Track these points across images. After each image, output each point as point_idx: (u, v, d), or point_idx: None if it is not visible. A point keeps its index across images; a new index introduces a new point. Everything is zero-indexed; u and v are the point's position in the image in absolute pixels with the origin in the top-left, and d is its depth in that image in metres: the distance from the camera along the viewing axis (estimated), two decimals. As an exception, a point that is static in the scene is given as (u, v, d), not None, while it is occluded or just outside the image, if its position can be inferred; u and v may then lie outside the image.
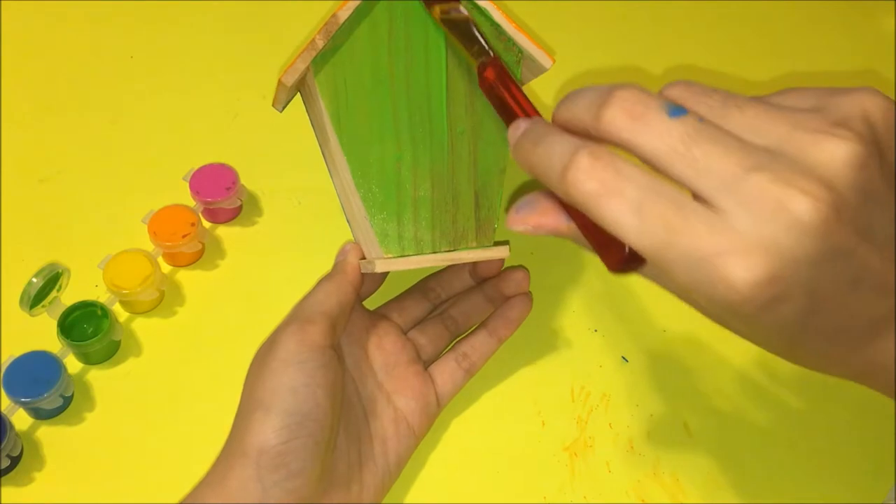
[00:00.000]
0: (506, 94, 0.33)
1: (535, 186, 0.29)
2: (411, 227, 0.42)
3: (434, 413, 0.44)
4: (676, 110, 0.26)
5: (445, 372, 0.44)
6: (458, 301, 0.47)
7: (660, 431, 0.47)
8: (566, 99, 0.29)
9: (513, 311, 0.46)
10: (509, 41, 0.40)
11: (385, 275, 0.46)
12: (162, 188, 0.53)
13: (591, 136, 0.27)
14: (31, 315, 0.46)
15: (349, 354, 0.42)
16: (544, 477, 0.45)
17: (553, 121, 0.29)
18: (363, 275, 0.41)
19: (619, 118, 0.26)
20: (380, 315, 0.45)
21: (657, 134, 0.25)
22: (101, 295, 0.48)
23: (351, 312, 0.41)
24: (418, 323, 0.46)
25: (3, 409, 0.43)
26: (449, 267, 0.48)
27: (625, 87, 0.26)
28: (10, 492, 0.43)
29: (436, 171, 0.42)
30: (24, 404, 0.44)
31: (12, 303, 0.47)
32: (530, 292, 0.46)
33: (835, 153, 0.24)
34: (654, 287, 0.53)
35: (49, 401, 0.44)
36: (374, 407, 0.42)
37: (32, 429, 0.45)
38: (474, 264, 0.46)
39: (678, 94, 0.27)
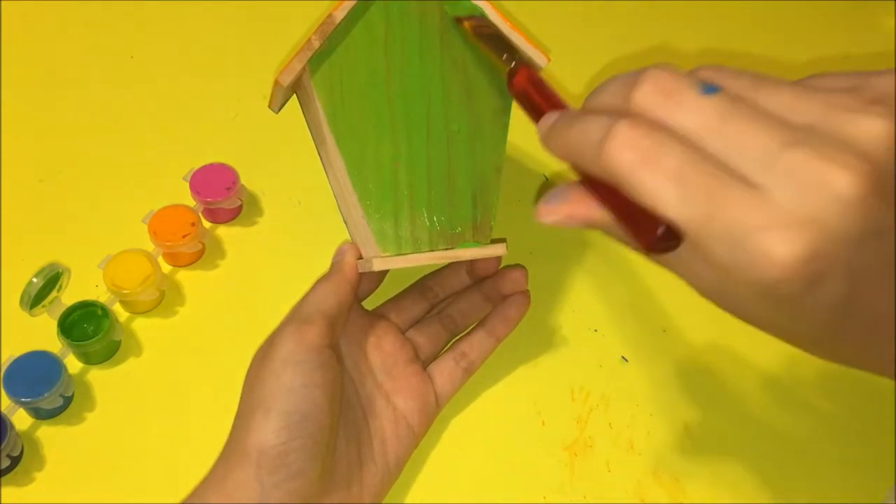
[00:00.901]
0: (537, 95, 0.33)
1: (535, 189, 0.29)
2: (408, 225, 0.42)
3: (433, 413, 0.44)
4: (709, 88, 0.25)
5: (444, 371, 0.44)
6: (456, 300, 0.47)
7: (660, 431, 0.47)
8: (596, 88, 0.28)
9: (511, 309, 0.46)
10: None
11: (383, 274, 0.46)
12: (162, 188, 0.53)
13: None
14: (32, 315, 0.46)
15: (348, 355, 0.42)
16: (544, 477, 0.45)
17: (582, 109, 0.29)
18: (361, 274, 0.41)
19: (651, 96, 0.25)
20: (378, 315, 0.45)
21: (691, 111, 0.25)
22: (101, 295, 0.48)
23: (349, 312, 0.41)
24: (416, 322, 0.46)
25: (3, 409, 0.43)
26: (447, 266, 0.48)
27: (656, 66, 0.26)
28: (10, 492, 0.43)
29: (432, 170, 0.42)
30: (24, 404, 0.44)
31: (12, 303, 0.47)
32: (528, 291, 0.46)
33: (872, 129, 0.24)
34: (654, 287, 0.53)
35: (49, 401, 0.44)
36: (373, 407, 0.42)
37: (32, 429, 0.45)
38: (472, 263, 0.46)
39: (708, 76, 0.27)
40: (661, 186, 0.24)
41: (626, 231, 0.27)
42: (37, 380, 0.44)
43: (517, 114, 0.42)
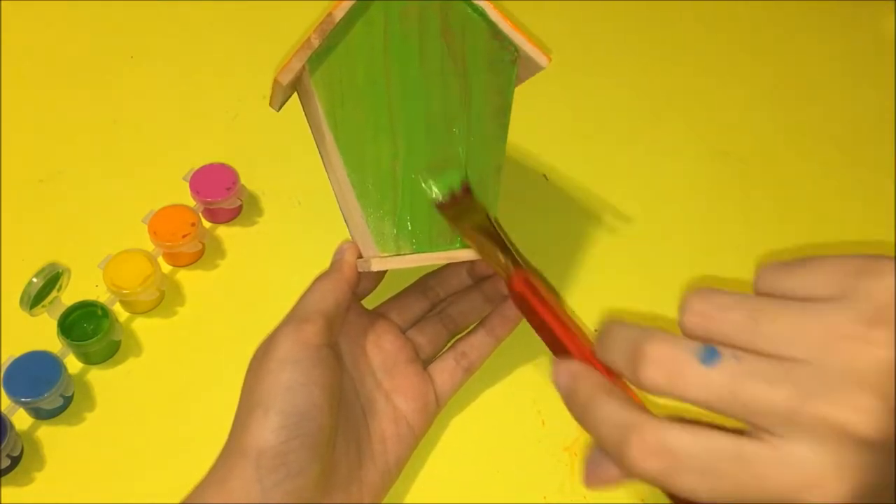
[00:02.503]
0: (538, 307, 0.34)
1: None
2: (407, 225, 0.42)
3: (433, 412, 0.44)
4: (709, 355, 0.26)
5: (444, 371, 0.44)
6: (456, 300, 0.47)
7: (660, 431, 0.47)
8: (602, 339, 0.30)
9: (511, 309, 0.46)
10: (505, 40, 0.40)
11: (383, 273, 0.46)
12: (162, 188, 0.53)
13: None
14: (32, 315, 0.46)
15: (347, 354, 0.42)
16: (544, 477, 0.45)
17: (596, 357, 0.31)
18: (360, 273, 0.41)
19: (658, 378, 0.27)
20: (378, 314, 0.45)
21: (699, 388, 0.26)
22: (101, 295, 0.48)
23: (348, 311, 0.41)
24: (417, 322, 0.46)
25: (3, 409, 0.43)
26: (447, 265, 0.48)
27: (653, 342, 0.27)
28: (10, 492, 0.43)
29: (431, 171, 0.42)
30: (24, 404, 0.44)
31: (12, 303, 0.47)
32: (530, 292, 0.46)
33: (877, 362, 0.24)
34: (653, 287, 0.53)
35: (49, 401, 0.44)
36: (373, 406, 0.42)
37: (32, 429, 0.45)
38: (472, 263, 0.46)
39: (702, 315, 0.27)
40: (691, 487, 0.26)
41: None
42: (37, 380, 0.44)
43: (517, 113, 0.42)
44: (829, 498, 0.24)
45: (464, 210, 0.41)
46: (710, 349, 0.26)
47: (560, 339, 0.34)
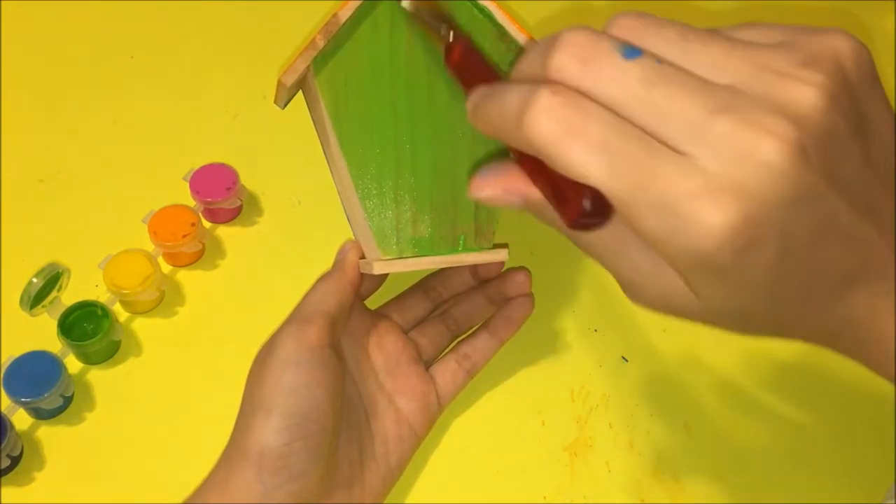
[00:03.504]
0: (471, 69, 0.31)
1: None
2: (410, 228, 0.41)
3: (435, 413, 0.44)
4: (631, 51, 0.24)
5: (447, 372, 0.44)
6: (459, 301, 0.47)
7: (660, 431, 0.47)
8: (518, 57, 0.27)
9: (514, 312, 0.45)
10: (512, 42, 0.40)
11: (385, 275, 0.46)
12: (162, 188, 0.53)
13: None
14: (32, 315, 0.46)
15: (350, 354, 0.42)
16: (544, 477, 0.45)
17: (513, 72, 0.28)
18: (363, 274, 0.41)
19: (569, 64, 0.24)
20: (380, 315, 0.45)
21: (613, 78, 0.23)
22: (101, 295, 0.48)
23: (350, 311, 0.41)
24: (419, 323, 0.46)
25: (3, 409, 0.43)
26: (450, 266, 0.48)
27: (572, 29, 0.24)
28: (10, 492, 0.43)
29: (436, 172, 0.42)
30: (24, 404, 0.44)
31: (12, 303, 0.47)
32: (532, 293, 0.46)
33: (802, 96, 0.23)
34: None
35: (49, 401, 0.44)
36: (375, 407, 0.42)
37: (32, 429, 0.45)
38: (475, 266, 0.46)
39: (630, 27, 0.25)
40: (587, 157, 0.23)
41: (553, 206, 0.25)
42: (37, 380, 0.44)
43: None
44: (718, 212, 0.22)
45: None
46: (633, 47, 0.24)
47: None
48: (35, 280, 0.45)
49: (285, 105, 0.42)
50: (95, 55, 0.61)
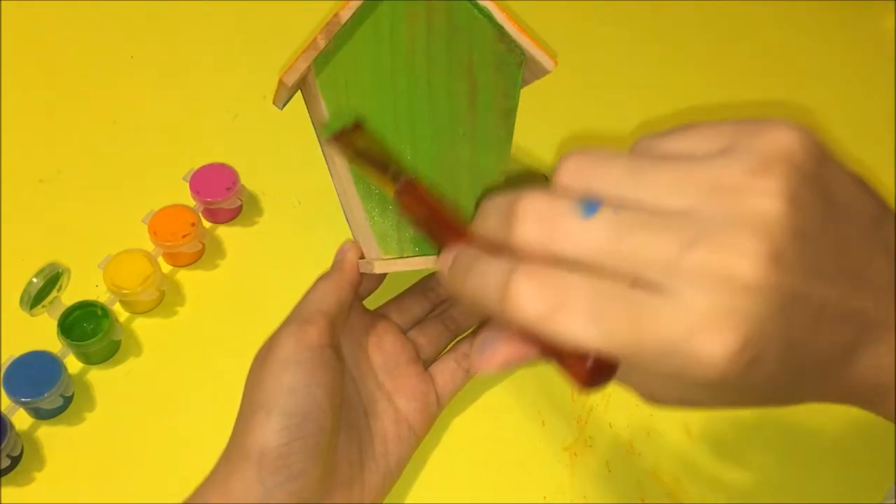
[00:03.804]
0: (432, 221, 0.32)
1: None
2: (411, 227, 0.42)
3: (434, 413, 0.44)
4: (588, 207, 0.24)
5: (446, 372, 0.44)
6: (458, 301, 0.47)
7: (660, 431, 0.47)
8: (479, 213, 0.27)
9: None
10: (511, 43, 0.40)
11: (384, 275, 0.46)
12: (162, 188, 0.53)
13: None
14: (32, 315, 0.46)
15: (349, 354, 0.42)
16: (544, 477, 0.45)
17: (472, 242, 0.28)
18: (362, 274, 0.41)
19: (533, 233, 0.25)
20: (379, 315, 0.45)
21: (578, 239, 0.24)
22: (101, 295, 0.48)
23: (350, 311, 0.41)
24: (418, 322, 0.46)
25: (3, 409, 0.43)
26: (449, 267, 0.48)
27: (527, 198, 0.25)
28: (10, 492, 0.43)
29: (436, 172, 0.42)
30: (24, 404, 0.44)
31: (12, 303, 0.47)
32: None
33: (763, 208, 0.23)
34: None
35: (49, 401, 0.44)
36: (374, 407, 0.42)
37: (32, 429, 0.45)
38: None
39: (578, 171, 0.26)
40: (578, 329, 0.24)
41: (560, 370, 0.26)
42: (37, 380, 0.44)
43: (521, 117, 0.42)
44: (720, 345, 0.23)
45: (351, 140, 0.39)
46: (589, 201, 0.24)
47: (446, 233, 0.32)
48: (35, 280, 0.45)
49: (284, 105, 0.42)
50: (95, 55, 0.61)
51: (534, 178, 0.40)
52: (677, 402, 0.28)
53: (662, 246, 0.23)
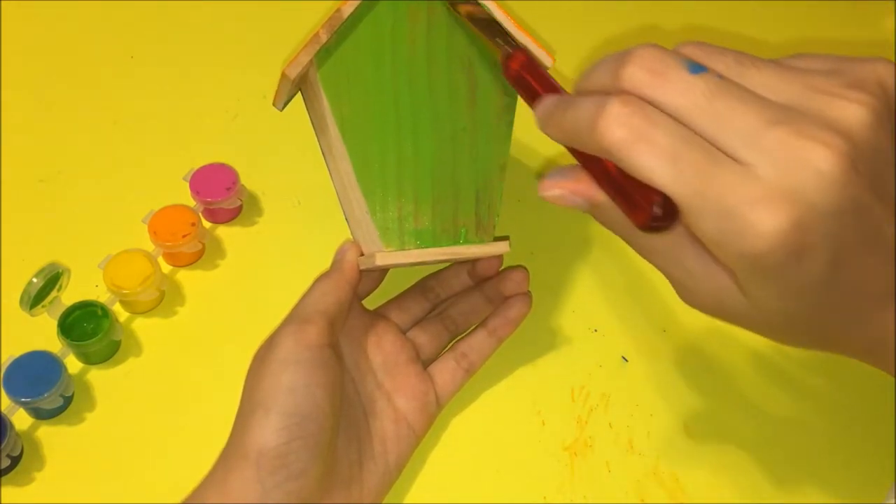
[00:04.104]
0: (532, 80, 0.33)
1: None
2: (412, 221, 0.42)
3: (434, 413, 0.44)
4: (696, 67, 0.26)
5: (445, 371, 0.44)
6: (457, 301, 0.47)
7: (660, 431, 0.47)
8: (585, 70, 0.29)
9: (512, 310, 0.46)
10: (511, 40, 0.40)
11: (384, 273, 0.46)
12: (162, 188, 0.53)
13: None
14: (32, 315, 0.46)
15: (348, 354, 0.42)
16: (544, 477, 0.45)
17: (575, 92, 0.30)
18: (361, 273, 0.41)
19: (639, 75, 0.26)
20: (379, 315, 0.45)
21: (679, 89, 0.26)
22: (101, 295, 0.48)
23: (349, 311, 0.41)
24: (417, 322, 0.46)
25: (3, 409, 0.43)
26: (448, 266, 0.48)
27: (642, 45, 0.27)
28: (10, 492, 0.43)
29: (437, 166, 0.42)
30: (24, 404, 0.44)
31: (12, 303, 0.47)
32: (530, 292, 0.46)
33: (850, 113, 0.25)
34: (653, 287, 0.53)
35: (49, 401, 0.44)
36: (373, 407, 0.42)
37: (32, 429, 0.45)
38: (473, 264, 0.46)
39: (692, 53, 0.27)
40: (656, 162, 0.25)
41: (623, 209, 0.27)
42: (37, 380, 0.44)
43: (520, 112, 0.42)
44: (772, 216, 0.24)
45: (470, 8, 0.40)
46: (697, 64, 0.26)
47: (549, 92, 0.32)
48: (35, 280, 0.45)
49: (284, 106, 0.42)
50: (95, 55, 0.61)
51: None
52: (712, 299, 0.28)
53: (751, 117, 0.25)
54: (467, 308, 0.47)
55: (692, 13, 0.68)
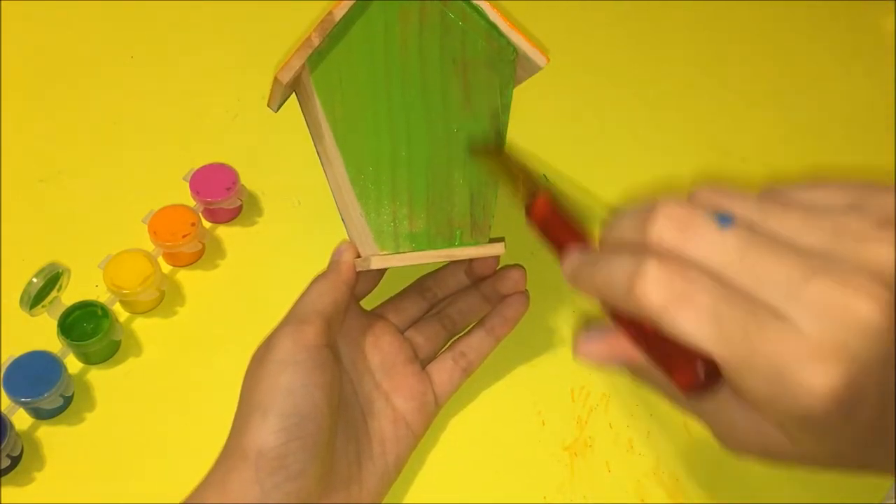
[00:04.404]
0: (556, 230, 0.33)
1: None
2: (407, 223, 0.42)
3: (432, 412, 0.44)
4: (724, 219, 0.25)
5: (443, 371, 0.44)
6: (454, 300, 0.47)
7: (660, 431, 0.47)
8: (609, 223, 0.28)
9: (510, 309, 0.46)
10: (503, 40, 0.40)
11: (381, 274, 0.46)
12: (162, 188, 0.53)
13: None
14: (32, 315, 0.46)
15: (346, 355, 0.42)
16: (544, 477, 0.45)
17: (601, 246, 0.29)
18: (358, 274, 0.41)
19: (668, 231, 0.26)
20: (376, 315, 0.45)
21: (711, 246, 0.25)
22: (101, 295, 0.48)
23: (346, 311, 0.41)
24: (415, 322, 0.46)
25: (3, 409, 0.43)
26: (445, 266, 0.48)
27: (667, 200, 0.26)
28: (10, 492, 0.43)
29: (432, 168, 0.42)
30: (24, 404, 0.44)
31: (12, 303, 0.47)
32: (527, 290, 0.46)
33: (884, 257, 0.24)
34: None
35: (49, 401, 0.44)
36: (372, 407, 0.42)
37: (32, 429, 0.45)
38: (470, 264, 0.46)
39: (715, 202, 0.27)
40: (698, 324, 0.24)
41: (664, 371, 0.27)
42: (37, 380, 0.44)
43: (516, 112, 0.42)
44: (824, 375, 0.23)
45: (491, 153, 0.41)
46: (725, 216, 0.26)
47: (573, 242, 0.33)
48: (35, 280, 0.45)
49: (279, 107, 0.42)
50: (95, 55, 0.62)
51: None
52: (757, 447, 0.28)
53: (788, 270, 0.24)
54: (465, 307, 0.47)
55: (692, 13, 0.68)
